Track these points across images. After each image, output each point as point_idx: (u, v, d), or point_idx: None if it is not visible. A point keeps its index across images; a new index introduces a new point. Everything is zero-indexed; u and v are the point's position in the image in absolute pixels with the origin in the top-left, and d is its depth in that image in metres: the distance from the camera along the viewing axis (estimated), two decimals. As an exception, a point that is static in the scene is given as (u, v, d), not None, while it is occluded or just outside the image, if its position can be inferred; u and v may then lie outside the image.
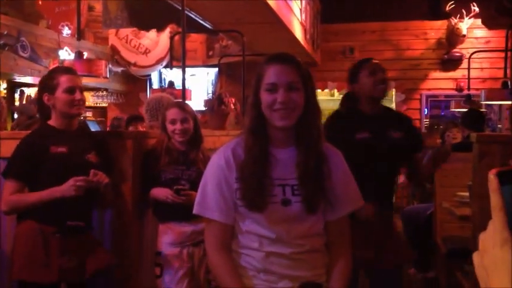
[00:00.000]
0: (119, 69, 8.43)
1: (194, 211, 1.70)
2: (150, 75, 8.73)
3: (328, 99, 9.19)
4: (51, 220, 2.41)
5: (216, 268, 1.69)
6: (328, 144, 1.72)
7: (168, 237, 2.83)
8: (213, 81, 8.89)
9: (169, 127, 2.87)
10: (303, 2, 6.69)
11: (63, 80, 2.45)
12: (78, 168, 2.40)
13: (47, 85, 2.51)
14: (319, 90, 8.44)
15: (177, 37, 5.48)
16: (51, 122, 2.50)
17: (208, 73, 8.91)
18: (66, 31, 6.87)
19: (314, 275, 1.67)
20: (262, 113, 1.63)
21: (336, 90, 8.91)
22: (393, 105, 8.72)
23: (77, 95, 2.45)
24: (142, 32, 8.01)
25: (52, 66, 3.95)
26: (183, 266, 2.81)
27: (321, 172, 1.64)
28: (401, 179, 8.48)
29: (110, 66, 7.47)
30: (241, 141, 1.68)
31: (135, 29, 7.85)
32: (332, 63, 8.59)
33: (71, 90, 2.44)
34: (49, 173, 2.41)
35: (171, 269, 2.80)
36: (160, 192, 2.77)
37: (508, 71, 5.31)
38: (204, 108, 6.61)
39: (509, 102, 5.58)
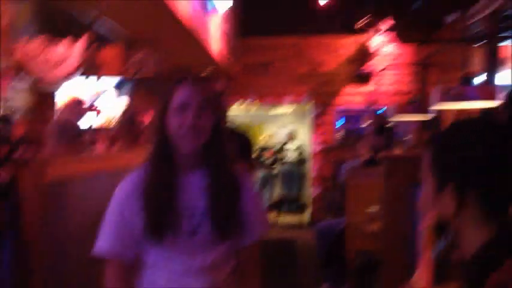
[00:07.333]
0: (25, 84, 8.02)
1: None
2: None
3: (246, 114, 9.26)
4: None
5: None
6: (236, 166, 1.64)
7: None
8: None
9: None
10: (221, 17, 6.71)
11: None
12: None
13: None
14: (236, 105, 8.48)
15: (91, 49, 5.32)
16: None
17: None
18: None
19: None
20: (167, 136, 1.54)
21: (253, 105, 8.99)
22: (309, 119, 8.93)
23: None
24: (54, 42, 7.69)
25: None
26: None
27: (233, 194, 1.57)
28: (316, 191, 8.65)
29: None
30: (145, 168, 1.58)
31: (46, 39, 7.51)
32: (250, 77, 8.68)
33: None
34: None
35: None
36: None
37: (417, 85, 5.58)
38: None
39: (415, 119, 5.87)
